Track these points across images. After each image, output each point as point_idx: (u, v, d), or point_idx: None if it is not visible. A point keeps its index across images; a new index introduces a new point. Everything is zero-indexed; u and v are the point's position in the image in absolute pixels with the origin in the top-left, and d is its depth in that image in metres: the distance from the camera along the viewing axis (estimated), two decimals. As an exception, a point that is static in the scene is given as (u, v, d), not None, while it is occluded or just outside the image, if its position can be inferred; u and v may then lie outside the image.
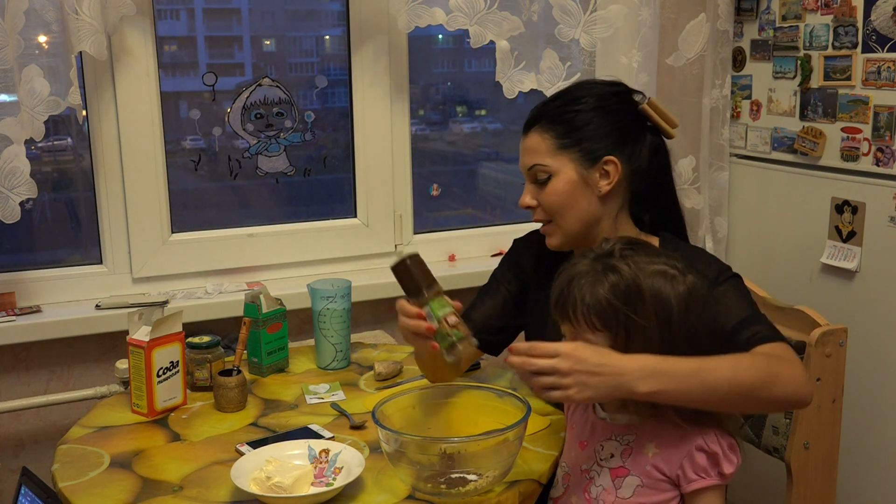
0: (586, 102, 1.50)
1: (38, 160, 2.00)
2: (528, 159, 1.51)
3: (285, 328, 1.80)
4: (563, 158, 1.48)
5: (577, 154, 1.48)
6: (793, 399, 1.28)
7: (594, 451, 1.31)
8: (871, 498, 1.93)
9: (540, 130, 1.50)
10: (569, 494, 1.33)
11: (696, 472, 1.23)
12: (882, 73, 1.84)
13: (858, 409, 1.88)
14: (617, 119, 1.51)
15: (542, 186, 1.49)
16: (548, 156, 1.48)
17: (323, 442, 1.40)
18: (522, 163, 1.53)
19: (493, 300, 1.65)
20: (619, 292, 1.21)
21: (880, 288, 1.88)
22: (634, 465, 1.26)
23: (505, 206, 2.54)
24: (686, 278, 1.24)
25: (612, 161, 1.47)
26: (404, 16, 1.99)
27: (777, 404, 1.28)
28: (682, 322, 1.22)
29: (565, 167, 1.48)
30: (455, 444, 1.29)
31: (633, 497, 1.26)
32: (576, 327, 1.24)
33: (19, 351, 1.93)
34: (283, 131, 2.18)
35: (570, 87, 1.58)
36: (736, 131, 2.27)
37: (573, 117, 1.48)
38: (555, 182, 1.48)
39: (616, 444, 1.29)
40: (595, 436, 1.32)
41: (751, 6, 2.18)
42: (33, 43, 1.75)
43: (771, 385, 1.24)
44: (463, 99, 2.49)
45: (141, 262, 2.05)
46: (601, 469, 1.29)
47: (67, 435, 1.51)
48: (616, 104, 1.52)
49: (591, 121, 1.49)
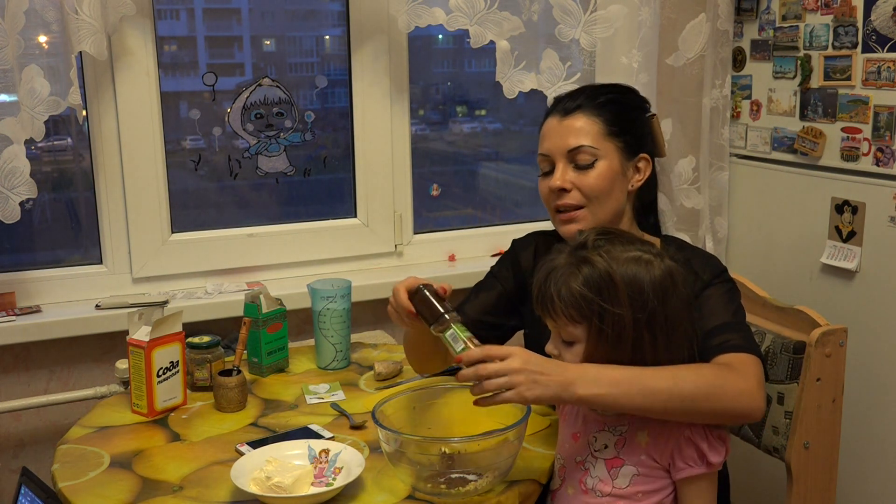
0: (628, 98, 1.57)
1: (38, 160, 2.00)
2: (572, 139, 1.49)
3: (285, 328, 1.80)
4: (611, 145, 1.50)
5: (622, 144, 1.51)
6: (736, 412, 1.27)
7: (587, 442, 1.32)
8: (871, 498, 1.93)
9: (588, 113, 1.50)
10: (565, 486, 1.34)
11: (684, 462, 1.26)
12: (882, 73, 1.84)
13: (858, 409, 1.88)
14: (648, 123, 1.57)
15: (583, 170, 1.49)
16: (596, 139, 1.49)
17: (323, 442, 1.40)
18: (561, 143, 1.50)
19: (487, 295, 1.64)
20: (591, 284, 1.23)
21: (880, 288, 1.88)
22: (629, 454, 1.28)
23: (505, 206, 2.54)
24: (662, 262, 1.26)
25: (645, 158, 1.53)
26: (404, 16, 1.99)
27: (722, 416, 1.27)
28: (659, 308, 1.23)
29: (611, 154, 1.50)
30: (455, 444, 1.29)
31: (629, 486, 1.28)
32: (556, 321, 1.27)
33: (19, 351, 1.93)
34: (283, 131, 2.18)
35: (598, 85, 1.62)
36: (736, 131, 2.27)
37: (619, 109, 1.52)
38: (600, 166, 1.49)
39: (609, 435, 1.30)
40: (587, 427, 1.33)
41: (751, 6, 2.18)
42: (33, 43, 1.75)
43: (714, 397, 1.25)
44: (463, 99, 2.49)
45: (141, 262, 2.05)
46: (596, 460, 1.30)
47: (67, 435, 1.51)
48: (646, 111, 1.58)
49: (635, 117, 1.54)
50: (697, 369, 1.28)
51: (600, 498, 1.29)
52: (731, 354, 1.32)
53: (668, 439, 1.27)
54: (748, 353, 1.33)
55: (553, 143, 1.51)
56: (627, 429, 1.29)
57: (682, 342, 1.28)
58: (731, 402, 1.26)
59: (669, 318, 1.25)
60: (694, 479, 1.27)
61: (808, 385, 1.54)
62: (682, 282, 1.27)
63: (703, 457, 1.26)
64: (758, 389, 1.29)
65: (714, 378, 1.27)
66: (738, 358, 1.32)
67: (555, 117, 1.53)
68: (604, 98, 1.52)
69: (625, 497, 1.28)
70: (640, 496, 1.28)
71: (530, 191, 2.55)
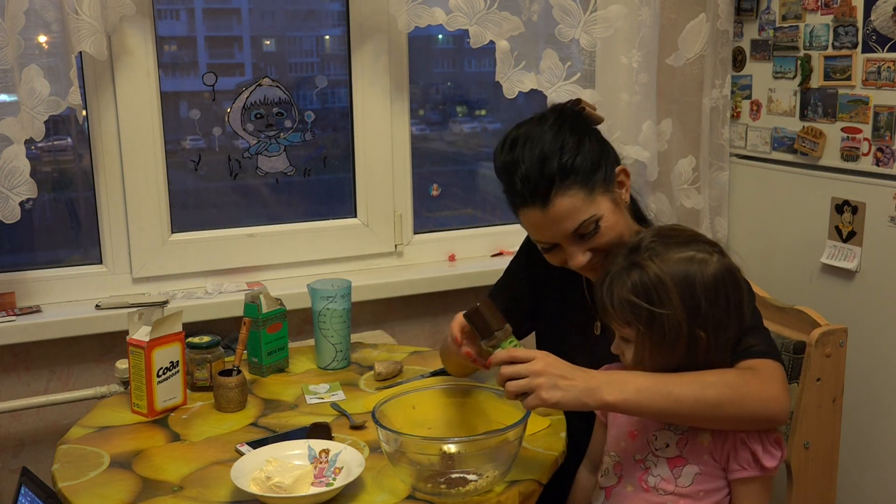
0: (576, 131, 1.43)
1: (38, 160, 2.00)
2: (567, 224, 1.40)
3: (285, 328, 1.80)
4: (597, 197, 1.41)
5: (602, 185, 1.42)
6: (761, 417, 1.27)
7: (647, 441, 1.33)
8: (871, 498, 1.93)
9: (563, 191, 1.38)
10: (623, 484, 1.35)
11: (738, 464, 1.28)
12: (882, 73, 1.84)
13: (858, 409, 1.88)
14: (594, 132, 1.48)
15: (591, 236, 1.42)
16: (587, 206, 1.40)
17: (323, 442, 1.39)
18: (558, 232, 1.41)
19: (509, 299, 1.63)
20: (639, 289, 1.26)
21: (880, 288, 1.88)
22: (692, 454, 1.29)
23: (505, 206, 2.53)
24: (716, 258, 1.28)
25: (622, 170, 1.48)
26: (404, 16, 1.99)
27: (747, 422, 1.27)
28: (712, 308, 1.25)
29: (603, 203, 1.42)
30: (455, 444, 1.29)
31: (692, 485, 1.29)
32: (616, 323, 1.31)
33: (19, 351, 1.93)
34: (283, 131, 2.18)
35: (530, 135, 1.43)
36: (736, 131, 2.27)
37: (580, 154, 1.40)
38: (604, 223, 1.41)
39: (671, 434, 1.31)
40: (646, 426, 1.34)
41: (751, 6, 2.18)
42: (33, 43, 1.75)
43: (738, 402, 1.25)
44: (463, 99, 2.49)
45: (141, 262, 2.05)
46: (657, 459, 1.31)
47: (67, 435, 1.51)
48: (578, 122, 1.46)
49: (589, 145, 1.43)
50: (722, 375, 1.28)
51: (663, 496, 1.30)
52: (754, 360, 1.32)
53: (726, 440, 1.28)
54: (771, 358, 1.33)
55: (549, 234, 1.43)
56: (689, 428, 1.30)
57: (731, 342, 1.30)
58: (757, 406, 1.26)
59: (721, 317, 1.27)
60: (747, 481, 1.28)
61: (808, 385, 1.54)
62: (738, 277, 1.29)
63: (757, 460, 1.27)
64: (783, 393, 1.29)
65: (740, 384, 1.26)
66: (762, 363, 1.31)
67: (533, 209, 1.41)
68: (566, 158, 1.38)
69: (687, 496, 1.29)
70: (702, 495, 1.29)
71: (530, 191, 2.55)
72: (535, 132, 1.43)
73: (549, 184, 1.38)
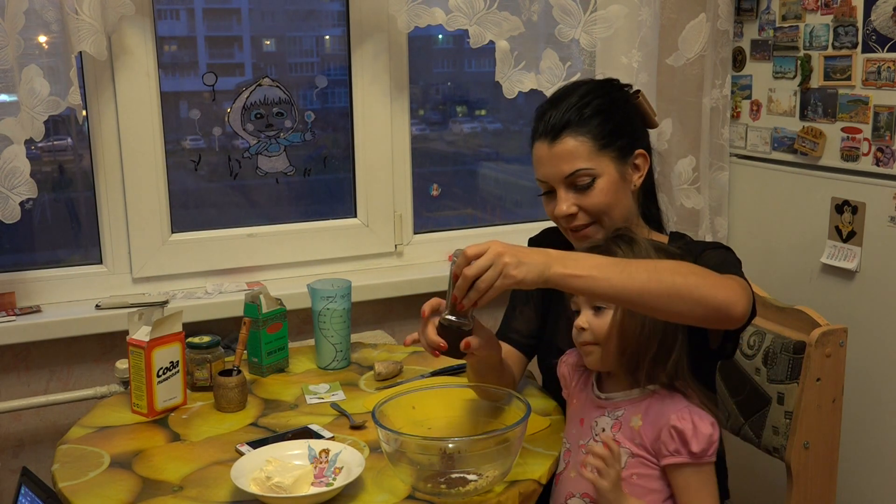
0: (613, 96, 1.52)
1: (38, 160, 2.00)
2: (565, 166, 1.47)
3: (285, 328, 1.80)
4: (605, 158, 1.47)
5: (616, 151, 1.48)
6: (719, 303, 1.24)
7: (590, 426, 1.35)
8: (871, 498, 1.93)
9: (576, 132, 1.47)
10: (569, 469, 1.37)
11: (666, 448, 1.27)
12: (882, 73, 1.84)
13: (858, 409, 1.88)
14: (632, 112, 1.54)
15: (584, 191, 1.47)
16: (589, 159, 1.46)
17: (323, 442, 1.40)
18: (555, 171, 1.48)
19: (527, 307, 1.65)
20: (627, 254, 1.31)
21: (880, 288, 1.88)
22: (624, 437, 1.30)
23: (505, 206, 2.54)
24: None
25: (641, 154, 1.52)
26: (404, 16, 1.99)
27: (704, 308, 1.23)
28: None
29: (608, 167, 1.47)
30: (455, 444, 1.29)
31: (625, 469, 1.29)
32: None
33: (19, 351, 1.93)
34: (283, 131, 2.18)
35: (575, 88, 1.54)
36: (736, 131, 2.27)
37: (605, 117, 1.48)
38: (600, 183, 1.47)
39: (608, 420, 1.33)
40: (592, 413, 1.36)
41: (751, 6, 2.18)
42: (33, 43, 1.75)
43: (694, 286, 1.23)
44: (463, 99, 2.49)
45: (141, 262, 2.05)
46: (596, 443, 1.31)
47: (67, 435, 1.51)
48: (624, 98, 1.55)
49: (619, 117, 1.50)
50: (681, 262, 1.28)
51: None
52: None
53: (656, 424, 1.28)
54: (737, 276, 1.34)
55: (547, 171, 1.50)
56: (623, 413, 1.32)
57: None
58: (716, 292, 1.24)
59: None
60: (680, 468, 1.27)
61: (808, 385, 1.54)
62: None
63: (685, 444, 1.25)
64: (741, 289, 1.28)
65: (698, 270, 1.26)
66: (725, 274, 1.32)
67: (543, 143, 1.50)
68: (589, 109, 1.48)
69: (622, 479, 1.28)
70: (635, 478, 1.29)
71: (530, 191, 2.55)
72: (577, 87, 1.54)
73: (564, 125, 1.47)
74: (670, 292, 1.22)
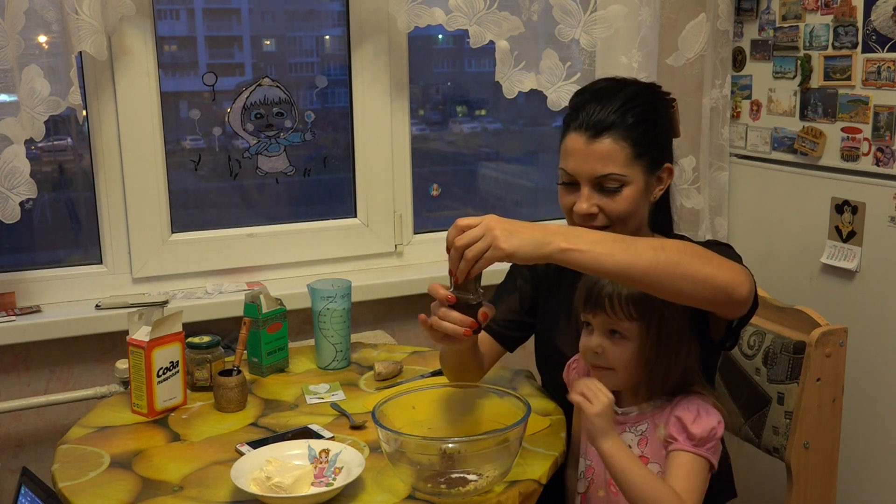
0: (657, 107, 1.49)
1: (38, 160, 2.00)
2: (599, 167, 1.42)
3: (285, 328, 1.80)
4: (638, 167, 1.44)
5: (648, 162, 1.45)
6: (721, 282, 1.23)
7: None
8: (871, 498, 1.93)
9: (617, 136, 1.42)
10: (595, 488, 1.35)
11: (670, 435, 1.27)
12: (882, 73, 1.84)
13: (858, 409, 1.88)
14: (668, 124, 1.52)
15: (610, 194, 1.43)
16: (624, 165, 1.43)
17: (323, 442, 1.40)
18: (588, 168, 1.43)
19: (511, 297, 1.64)
20: None
21: (880, 288, 1.88)
22: (652, 452, 1.29)
23: (505, 206, 2.54)
24: None
25: (668, 168, 1.50)
26: (404, 16, 1.99)
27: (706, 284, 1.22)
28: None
29: (638, 176, 1.44)
30: (455, 444, 1.29)
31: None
32: (611, 317, 1.28)
33: (19, 351, 1.93)
34: (283, 131, 2.18)
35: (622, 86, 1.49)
36: (736, 131, 2.27)
37: (648, 126, 1.45)
38: (627, 191, 1.43)
39: (632, 436, 1.31)
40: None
41: (751, 6, 2.18)
42: (33, 43, 1.75)
43: (698, 264, 1.22)
44: (463, 99, 2.49)
45: (141, 262, 2.05)
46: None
47: (67, 435, 1.51)
48: (666, 107, 1.51)
49: (659, 128, 1.48)
50: (685, 242, 1.28)
51: None
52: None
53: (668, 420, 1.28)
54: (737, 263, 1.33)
55: (579, 166, 1.45)
56: (647, 427, 1.30)
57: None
58: (719, 271, 1.23)
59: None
60: (677, 454, 1.26)
61: (808, 385, 1.54)
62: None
63: (683, 430, 1.25)
64: (744, 274, 1.28)
65: (701, 250, 1.26)
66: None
67: (581, 136, 1.44)
68: (633, 115, 1.43)
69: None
70: None
71: (530, 191, 2.55)
72: (624, 86, 1.49)
73: (609, 126, 1.43)
74: (677, 271, 1.20)
